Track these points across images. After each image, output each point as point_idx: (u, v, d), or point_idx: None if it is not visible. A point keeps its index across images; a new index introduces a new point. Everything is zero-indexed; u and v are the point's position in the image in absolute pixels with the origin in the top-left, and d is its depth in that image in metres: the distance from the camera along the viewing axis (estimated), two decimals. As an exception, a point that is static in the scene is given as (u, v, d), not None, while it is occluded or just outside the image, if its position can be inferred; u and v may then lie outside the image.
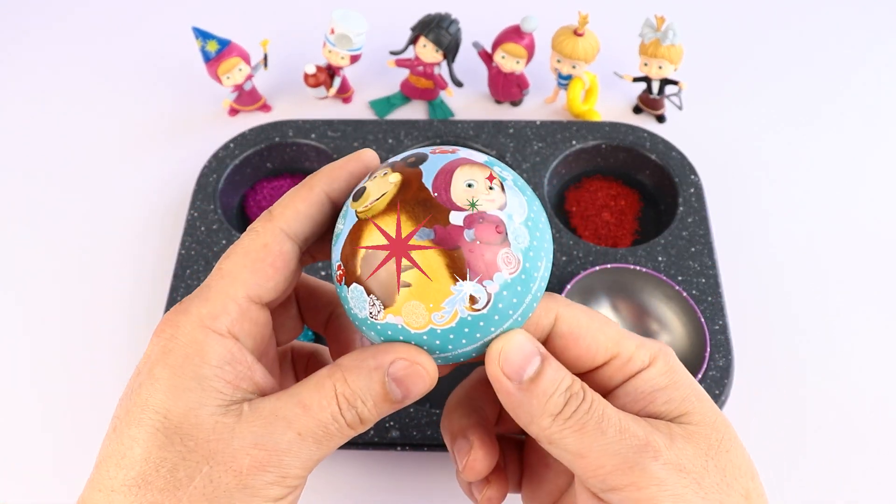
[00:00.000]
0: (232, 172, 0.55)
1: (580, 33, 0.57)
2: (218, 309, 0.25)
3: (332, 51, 0.59)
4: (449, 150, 0.26)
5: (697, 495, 0.24)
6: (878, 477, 0.43)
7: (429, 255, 0.24)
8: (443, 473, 0.43)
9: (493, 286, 0.24)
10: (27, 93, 0.66)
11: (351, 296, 0.25)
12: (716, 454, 0.25)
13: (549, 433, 0.25)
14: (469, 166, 0.25)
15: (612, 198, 0.55)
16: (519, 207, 0.25)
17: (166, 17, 0.73)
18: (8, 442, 0.45)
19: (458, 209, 0.24)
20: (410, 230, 0.24)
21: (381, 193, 0.25)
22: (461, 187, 0.25)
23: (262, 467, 0.23)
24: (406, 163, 0.26)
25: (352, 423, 0.25)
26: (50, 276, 0.53)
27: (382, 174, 0.26)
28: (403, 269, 0.24)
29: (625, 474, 0.24)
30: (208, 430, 0.23)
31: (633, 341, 0.27)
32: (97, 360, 0.48)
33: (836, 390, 0.46)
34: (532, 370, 0.25)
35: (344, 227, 0.25)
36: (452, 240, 0.24)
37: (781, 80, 0.65)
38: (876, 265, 0.52)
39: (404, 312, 0.24)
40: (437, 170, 0.25)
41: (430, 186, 0.24)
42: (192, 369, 0.24)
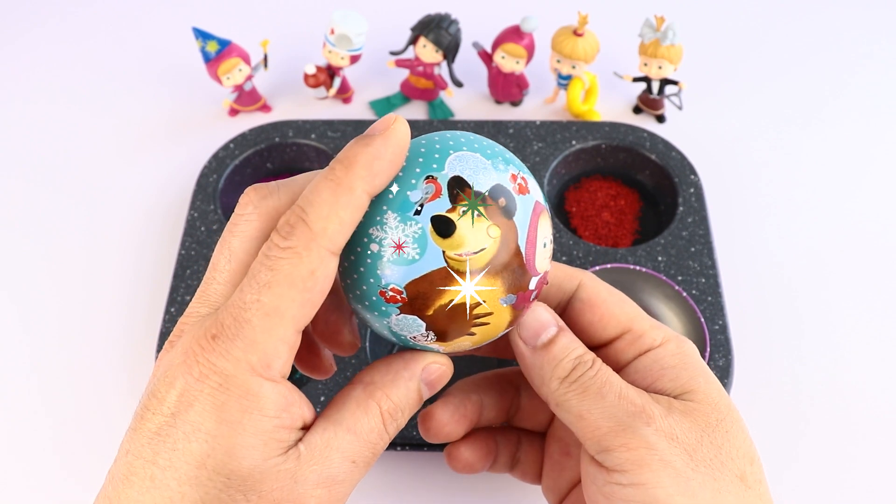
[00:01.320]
0: (232, 172, 0.55)
1: (580, 33, 0.57)
2: (270, 354, 0.22)
3: (332, 51, 0.59)
4: (523, 185, 0.25)
5: (687, 465, 0.25)
6: (878, 477, 0.43)
7: (503, 316, 0.25)
8: (443, 473, 0.43)
9: None
10: (27, 92, 0.66)
11: (400, 320, 0.24)
12: (713, 432, 0.26)
13: (556, 395, 0.27)
14: (543, 218, 0.26)
15: (612, 198, 0.55)
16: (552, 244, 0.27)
17: (166, 17, 0.73)
18: (7, 442, 0.45)
19: (536, 274, 0.25)
20: (500, 296, 0.25)
21: (481, 248, 0.24)
22: (540, 250, 0.26)
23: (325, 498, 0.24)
24: (500, 207, 0.24)
25: (392, 434, 0.26)
26: (49, 276, 0.53)
27: (475, 215, 0.24)
28: (479, 324, 0.25)
29: (617, 436, 0.25)
30: (272, 480, 0.23)
31: (648, 321, 0.29)
32: (97, 360, 0.48)
33: (836, 390, 0.46)
34: (546, 336, 0.27)
35: (420, 260, 0.23)
36: (526, 303, 0.26)
37: (781, 80, 0.65)
38: (876, 265, 0.52)
39: (452, 346, 0.26)
40: (527, 227, 0.25)
41: (524, 251, 0.25)
42: (252, 425, 0.22)
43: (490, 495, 0.42)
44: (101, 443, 0.44)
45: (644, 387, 0.27)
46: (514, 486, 0.43)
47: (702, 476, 0.25)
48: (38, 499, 0.43)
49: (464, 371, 0.46)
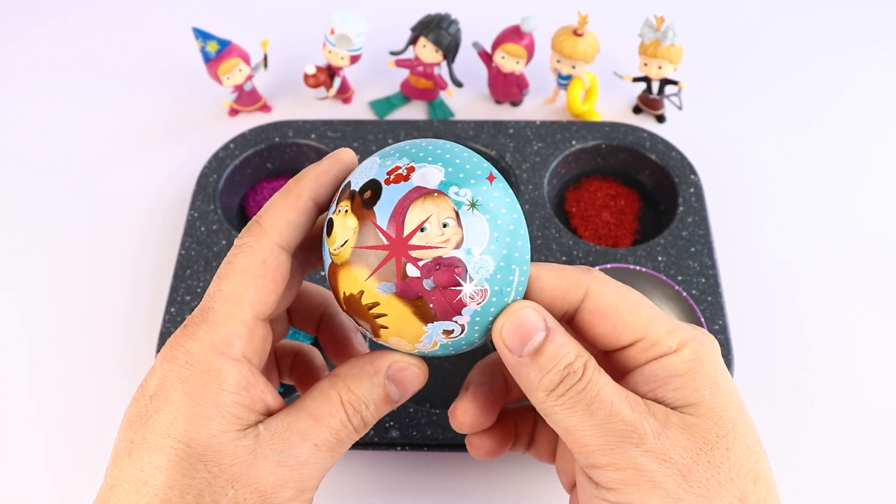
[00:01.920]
0: (232, 173, 0.55)
1: (580, 33, 0.57)
2: (230, 333, 0.25)
3: (332, 51, 0.59)
4: (404, 175, 0.25)
5: (680, 487, 0.24)
6: (878, 477, 0.43)
7: (395, 306, 0.25)
8: (443, 473, 0.43)
9: (463, 318, 0.25)
10: (27, 92, 0.66)
11: (346, 319, 0.27)
12: (711, 449, 0.24)
13: (543, 406, 0.25)
14: (421, 201, 0.24)
15: (612, 198, 0.55)
16: (478, 236, 0.24)
17: (166, 17, 0.73)
18: (7, 442, 0.45)
19: (413, 260, 0.24)
20: (374, 284, 0.25)
21: (344, 241, 0.25)
22: (415, 233, 0.24)
23: (284, 484, 0.24)
24: (363, 198, 0.25)
25: (357, 427, 0.26)
26: (49, 276, 0.53)
27: (343, 211, 0.26)
28: (377, 315, 0.25)
29: (605, 455, 0.24)
30: (231, 454, 0.24)
31: (664, 326, 0.26)
32: (97, 360, 0.48)
33: (836, 390, 0.46)
34: (533, 344, 0.25)
35: (325, 259, 0.26)
36: (413, 291, 0.24)
37: (781, 80, 0.65)
38: (876, 264, 0.52)
39: (391, 342, 0.26)
40: (389, 213, 0.24)
41: (382, 237, 0.24)
42: (211, 397, 0.24)
43: (490, 495, 0.43)
44: (101, 442, 0.44)
45: (644, 393, 0.26)
46: (514, 486, 0.43)
47: (695, 497, 0.24)
48: (37, 499, 0.43)
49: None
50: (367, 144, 0.56)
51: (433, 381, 0.45)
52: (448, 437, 0.42)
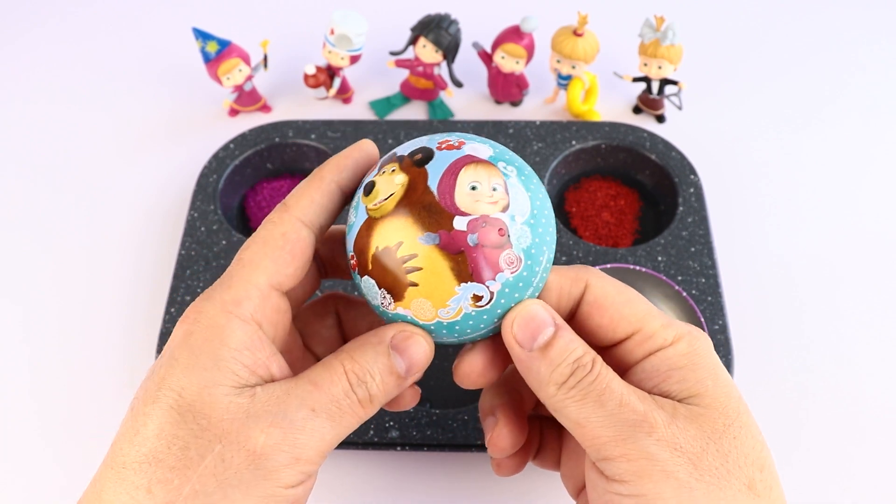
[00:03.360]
0: (232, 173, 0.55)
1: (580, 33, 0.57)
2: (241, 294, 0.25)
3: (331, 51, 0.60)
4: (455, 145, 0.27)
5: (691, 476, 0.24)
6: (878, 477, 0.43)
7: (434, 259, 0.25)
8: (442, 473, 0.43)
9: (495, 285, 0.25)
10: (27, 92, 0.66)
11: (364, 286, 0.27)
12: (719, 438, 0.25)
13: (553, 400, 0.26)
14: (474, 166, 0.26)
15: (612, 198, 0.55)
16: (522, 206, 0.26)
17: (166, 17, 0.73)
18: (6, 442, 0.45)
19: (462, 214, 0.25)
20: (417, 234, 0.25)
21: (389, 194, 0.26)
22: (465, 191, 0.25)
23: (276, 446, 0.23)
24: (413, 160, 0.26)
25: (363, 399, 0.25)
26: (49, 276, 0.53)
27: (390, 171, 0.27)
28: (410, 270, 0.25)
29: (617, 446, 0.24)
30: (222, 409, 0.23)
31: (659, 320, 0.27)
32: (97, 361, 0.48)
33: (837, 390, 0.46)
34: (543, 339, 0.26)
35: (356, 221, 0.27)
36: (456, 244, 0.25)
37: (781, 80, 0.65)
38: (876, 264, 0.52)
39: (413, 307, 0.26)
40: (441, 171, 0.26)
41: (436, 190, 0.25)
42: (210, 350, 0.24)
43: (490, 495, 0.42)
44: (101, 442, 0.44)
45: (649, 388, 0.26)
46: (514, 485, 0.43)
47: (706, 486, 0.24)
48: (37, 498, 0.43)
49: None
50: (367, 144, 0.56)
51: (433, 382, 0.46)
52: (448, 437, 0.42)
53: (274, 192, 0.56)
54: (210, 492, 0.23)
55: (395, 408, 0.31)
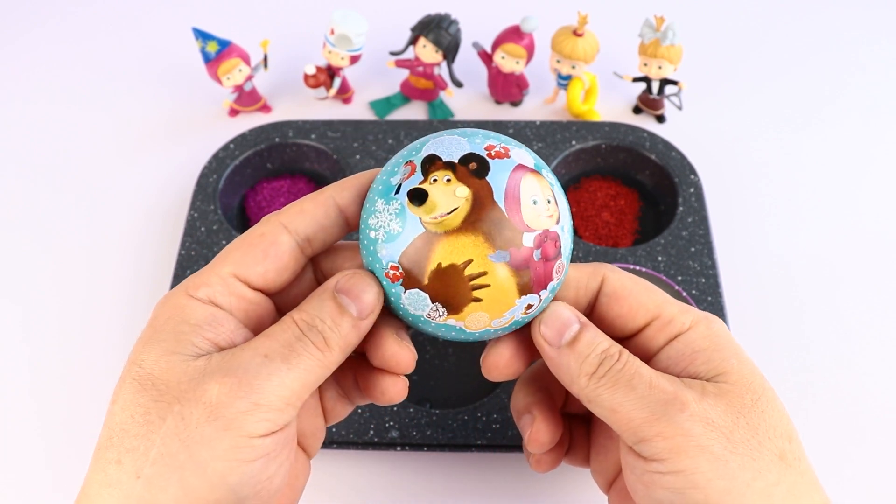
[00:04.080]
0: (232, 173, 0.55)
1: (580, 33, 0.57)
2: (201, 281, 0.26)
3: (332, 51, 0.60)
4: (502, 153, 0.26)
5: (725, 448, 0.25)
6: (879, 477, 0.43)
7: (503, 276, 0.25)
8: (443, 473, 0.43)
9: (545, 293, 0.27)
10: (27, 92, 0.66)
11: (409, 298, 0.26)
12: (748, 412, 0.26)
13: (586, 391, 0.27)
14: (529, 178, 0.26)
15: (612, 198, 0.55)
16: (566, 215, 0.27)
17: (166, 17, 0.73)
18: (6, 443, 0.45)
19: (529, 230, 0.25)
20: (487, 252, 0.25)
21: (453, 208, 0.25)
22: (529, 206, 0.26)
23: (232, 394, 0.23)
24: (469, 170, 0.26)
25: (317, 342, 0.25)
26: (49, 276, 0.53)
27: (444, 180, 0.26)
28: (478, 287, 0.25)
29: (652, 426, 0.25)
30: (179, 373, 0.24)
31: (675, 306, 0.28)
32: (97, 361, 0.48)
33: (837, 390, 0.46)
34: (570, 335, 0.27)
35: (403, 231, 0.26)
36: (525, 261, 0.25)
37: (781, 80, 0.65)
38: (876, 264, 0.52)
39: (468, 319, 0.26)
40: (504, 185, 0.26)
41: (503, 206, 0.25)
42: (171, 327, 0.25)
43: (490, 495, 0.43)
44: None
45: (676, 373, 0.27)
46: (514, 485, 0.43)
47: (740, 458, 0.25)
48: (37, 498, 0.43)
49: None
50: (367, 144, 0.56)
51: (433, 381, 0.46)
52: (448, 437, 0.42)
53: (274, 192, 0.56)
54: (175, 452, 0.23)
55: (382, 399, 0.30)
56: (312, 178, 0.58)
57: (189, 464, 0.23)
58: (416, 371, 0.46)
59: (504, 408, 0.42)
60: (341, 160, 0.56)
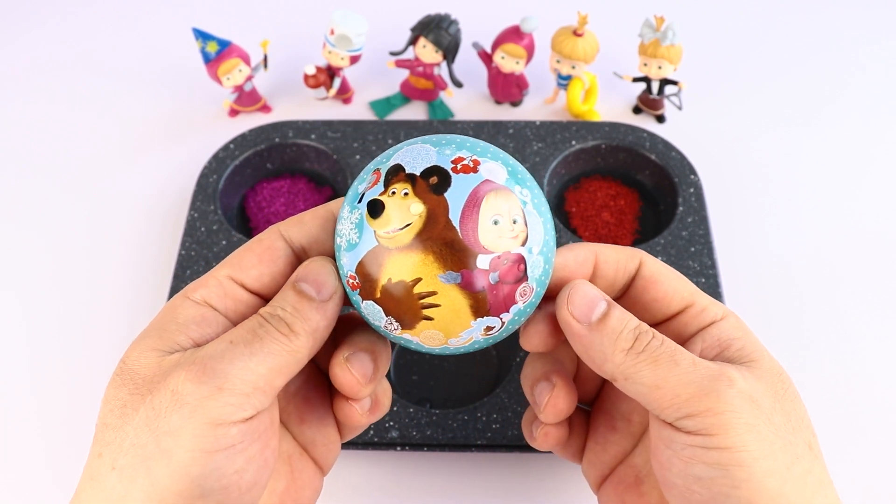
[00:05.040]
0: (232, 173, 0.55)
1: (580, 34, 0.57)
2: (200, 283, 0.27)
3: (331, 52, 0.60)
4: (470, 167, 0.25)
5: (768, 429, 0.25)
6: (879, 477, 0.43)
7: (453, 297, 0.24)
8: (442, 473, 0.43)
9: (507, 316, 0.25)
10: (27, 92, 0.66)
11: (366, 309, 0.26)
12: (782, 399, 0.26)
13: (623, 368, 0.26)
14: (494, 194, 0.25)
15: (612, 198, 0.55)
16: (537, 235, 0.26)
17: (166, 17, 0.73)
18: (6, 443, 0.45)
19: (485, 252, 0.24)
20: (437, 272, 0.24)
21: (405, 224, 0.24)
22: (488, 226, 0.24)
23: (196, 380, 0.23)
24: (429, 184, 0.25)
25: (280, 328, 0.25)
26: (49, 276, 0.53)
27: (402, 193, 0.25)
28: (427, 306, 0.25)
29: (700, 401, 0.25)
30: (154, 367, 0.24)
31: (706, 297, 0.29)
32: (97, 361, 0.48)
33: (838, 390, 0.46)
34: (599, 312, 0.26)
35: (360, 243, 0.25)
36: (479, 282, 0.24)
37: (781, 80, 0.65)
38: (876, 264, 0.52)
39: (422, 336, 0.26)
40: (462, 203, 0.24)
41: (458, 226, 0.24)
42: (159, 325, 0.26)
43: (490, 495, 0.43)
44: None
45: (711, 357, 0.27)
46: (514, 485, 0.43)
47: (781, 441, 0.25)
48: (36, 499, 0.43)
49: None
50: (367, 144, 0.56)
51: (433, 381, 0.46)
52: (448, 437, 0.42)
53: (274, 192, 0.56)
54: (144, 443, 0.23)
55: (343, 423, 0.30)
56: (312, 179, 0.58)
57: (156, 453, 0.23)
58: (416, 371, 0.46)
59: (504, 408, 0.42)
60: (341, 160, 0.56)
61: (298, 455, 0.29)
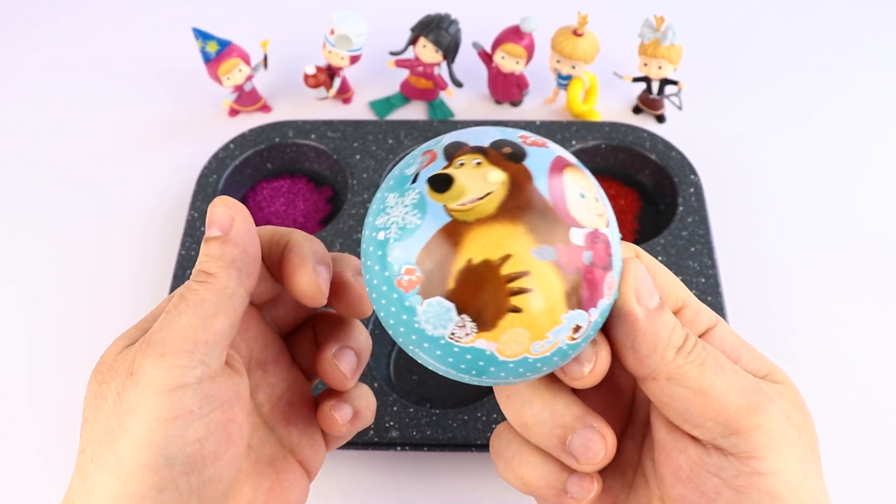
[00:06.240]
0: (232, 173, 0.56)
1: (580, 34, 0.57)
2: None
3: (331, 51, 0.60)
4: (539, 142, 0.22)
5: (801, 450, 0.23)
6: (879, 477, 0.43)
7: (548, 278, 0.20)
8: (442, 473, 0.43)
9: (595, 314, 0.22)
10: (27, 93, 0.66)
11: (426, 310, 0.21)
12: (803, 414, 0.24)
13: (671, 366, 0.23)
14: (572, 169, 0.22)
15: (612, 198, 0.55)
16: (615, 223, 0.23)
17: (166, 17, 0.73)
18: (6, 443, 0.45)
19: (578, 226, 0.21)
20: (530, 247, 0.20)
21: (484, 193, 0.21)
22: (576, 197, 0.21)
23: (143, 354, 0.23)
24: (503, 154, 0.22)
25: (198, 278, 0.25)
26: (50, 276, 0.53)
27: (473, 163, 0.21)
28: (517, 291, 0.20)
29: (751, 416, 0.22)
30: (121, 356, 0.24)
31: (696, 299, 0.26)
32: (96, 360, 0.48)
33: (837, 390, 0.46)
34: (655, 301, 0.24)
35: (422, 224, 0.21)
36: (574, 262, 0.21)
37: (781, 80, 0.65)
38: (876, 264, 0.52)
39: (502, 339, 0.21)
40: (546, 171, 0.21)
41: (547, 194, 0.21)
42: (141, 323, 0.26)
43: (490, 495, 0.42)
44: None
45: None
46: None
47: (811, 461, 0.23)
48: (36, 499, 0.43)
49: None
50: (367, 144, 0.56)
51: (433, 382, 0.46)
52: (448, 437, 0.42)
53: (274, 192, 0.56)
54: (113, 427, 0.23)
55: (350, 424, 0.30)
56: (312, 179, 0.58)
57: (120, 433, 0.23)
58: (416, 371, 0.46)
59: (504, 408, 0.42)
60: (341, 160, 0.56)
61: (283, 457, 0.29)
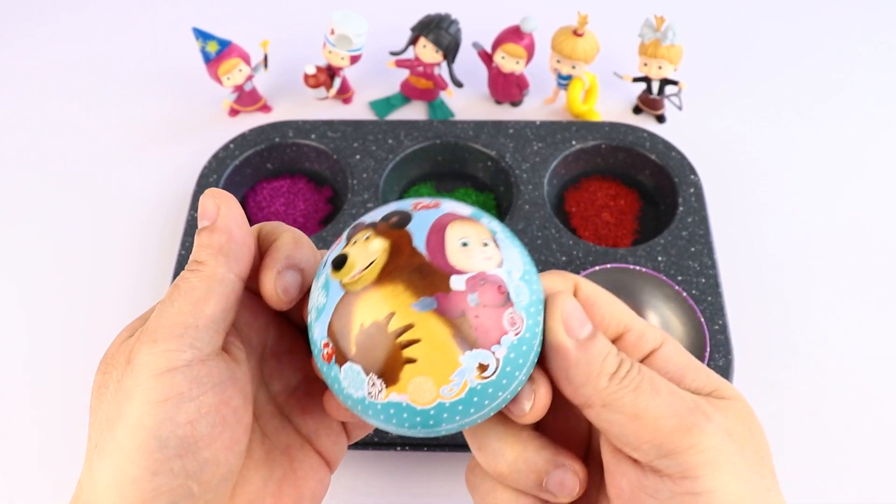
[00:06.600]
0: (232, 173, 0.56)
1: (580, 34, 0.57)
2: None
3: (332, 51, 0.60)
4: (431, 205, 0.25)
5: (743, 466, 0.23)
6: (878, 476, 0.43)
7: (433, 327, 0.22)
8: (442, 473, 0.43)
9: (500, 350, 0.23)
10: (28, 93, 0.66)
11: (345, 378, 0.23)
12: (750, 428, 0.24)
13: (605, 393, 0.24)
14: (459, 222, 0.24)
15: (612, 198, 0.55)
16: (516, 261, 0.24)
17: (166, 17, 0.73)
18: (6, 443, 0.45)
19: (458, 272, 0.23)
20: (410, 301, 0.22)
21: (369, 262, 0.23)
22: (456, 247, 0.23)
23: (139, 342, 0.24)
24: (389, 224, 0.24)
25: (190, 267, 0.25)
26: (50, 276, 0.53)
27: (364, 238, 0.24)
28: (406, 343, 0.22)
29: (685, 436, 0.23)
30: (121, 350, 0.25)
31: (640, 321, 0.27)
32: (96, 361, 0.48)
33: (837, 390, 0.46)
34: (587, 331, 0.24)
35: (327, 302, 0.24)
36: (457, 307, 0.22)
37: (781, 80, 0.65)
38: (875, 264, 0.52)
39: (410, 389, 0.23)
40: (426, 230, 0.23)
41: (424, 250, 0.23)
42: (145, 317, 0.26)
43: (490, 495, 0.43)
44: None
45: None
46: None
47: (757, 476, 0.23)
48: (36, 499, 0.43)
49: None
50: (367, 144, 0.56)
51: (433, 381, 0.46)
52: (448, 437, 0.42)
53: (274, 192, 0.56)
54: (112, 415, 0.23)
55: None
56: (312, 178, 0.58)
57: (118, 418, 0.23)
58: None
59: (504, 408, 0.43)
60: (341, 160, 0.56)
61: (299, 446, 0.29)
